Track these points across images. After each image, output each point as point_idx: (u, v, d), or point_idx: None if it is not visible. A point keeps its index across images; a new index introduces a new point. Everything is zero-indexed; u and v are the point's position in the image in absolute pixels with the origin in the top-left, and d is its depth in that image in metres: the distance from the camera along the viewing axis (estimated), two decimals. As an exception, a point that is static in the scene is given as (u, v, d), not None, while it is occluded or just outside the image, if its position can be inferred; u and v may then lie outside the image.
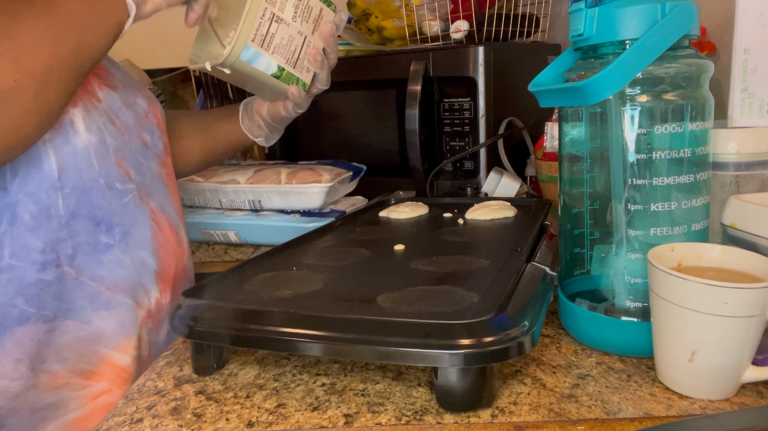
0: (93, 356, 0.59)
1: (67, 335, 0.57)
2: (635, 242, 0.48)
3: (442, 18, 1.01)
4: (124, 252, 0.61)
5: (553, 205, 0.80)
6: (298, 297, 0.50)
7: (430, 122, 0.98)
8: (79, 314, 0.57)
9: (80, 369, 0.58)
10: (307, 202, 0.92)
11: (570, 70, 0.51)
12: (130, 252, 0.61)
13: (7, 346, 0.54)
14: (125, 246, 0.61)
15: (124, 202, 0.61)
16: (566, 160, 0.53)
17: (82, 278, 0.58)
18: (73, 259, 0.57)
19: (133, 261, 0.62)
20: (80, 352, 0.58)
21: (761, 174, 0.53)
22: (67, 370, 0.58)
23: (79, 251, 0.57)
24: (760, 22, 0.55)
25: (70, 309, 0.57)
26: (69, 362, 0.57)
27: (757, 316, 0.39)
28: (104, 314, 0.59)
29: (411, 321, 0.42)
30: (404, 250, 0.63)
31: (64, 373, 0.57)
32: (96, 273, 0.58)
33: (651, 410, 0.41)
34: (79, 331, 0.58)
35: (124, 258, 0.61)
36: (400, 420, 0.41)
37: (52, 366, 0.57)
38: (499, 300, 0.44)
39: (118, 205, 0.61)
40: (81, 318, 0.58)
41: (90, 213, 0.58)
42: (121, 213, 0.61)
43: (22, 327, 0.54)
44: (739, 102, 0.56)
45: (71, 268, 0.57)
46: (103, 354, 0.59)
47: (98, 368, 0.59)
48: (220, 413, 0.44)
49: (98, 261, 0.59)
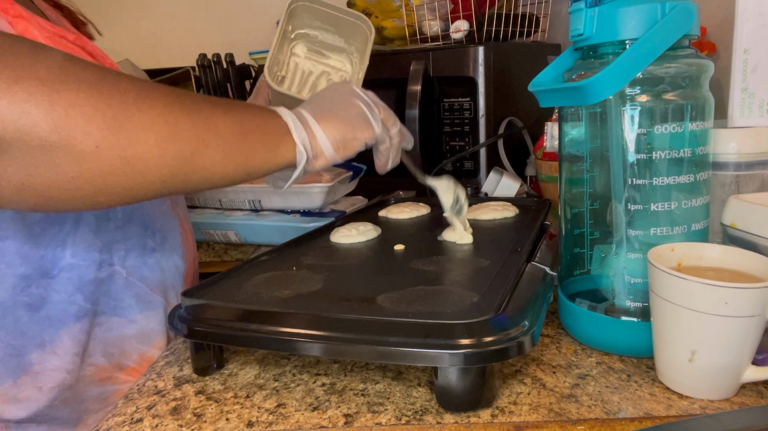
0: (134, 353, 0.62)
1: (114, 331, 0.60)
2: (635, 242, 0.48)
3: (442, 18, 1.01)
4: (163, 255, 0.65)
5: (553, 205, 0.80)
6: (298, 297, 0.50)
7: (430, 122, 0.98)
8: (126, 312, 0.61)
9: (122, 365, 0.61)
10: (307, 201, 0.92)
11: (570, 70, 0.51)
12: (167, 255, 0.66)
13: (64, 340, 0.56)
14: (164, 250, 0.65)
15: (163, 209, 0.66)
16: (566, 160, 0.53)
17: (132, 278, 0.61)
18: (125, 260, 0.60)
19: (168, 264, 0.66)
20: (124, 348, 0.61)
21: (761, 174, 0.53)
22: (111, 364, 0.60)
23: (130, 253, 0.61)
24: (760, 22, 0.55)
25: (118, 307, 0.60)
26: (113, 357, 0.60)
27: (757, 316, 0.39)
28: (147, 313, 0.62)
29: (411, 321, 0.42)
30: (404, 250, 0.62)
31: (108, 367, 0.60)
32: (143, 274, 0.62)
33: (651, 410, 0.41)
34: (125, 328, 0.61)
35: (162, 261, 0.65)
36: (400, 420, 0.41)
37: (99, 360, 0.59)
38: (499, 300, 0.44)
39: (159, 211, 0.65)
40: (128, 316, 0.61)
41: (141, 218, 0.62)
42: (162, 219, 0.65)
43: (79, 322, 0.57)
44: (739, 102, 0.56)
45: (122, 268, 0.60)
46: (143, 352, 0.62)
47: (138, 365, 0.62)
48: (220, 413, 0.44)
49: (144, 263, 0.62)
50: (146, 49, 1.62)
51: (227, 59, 1.34)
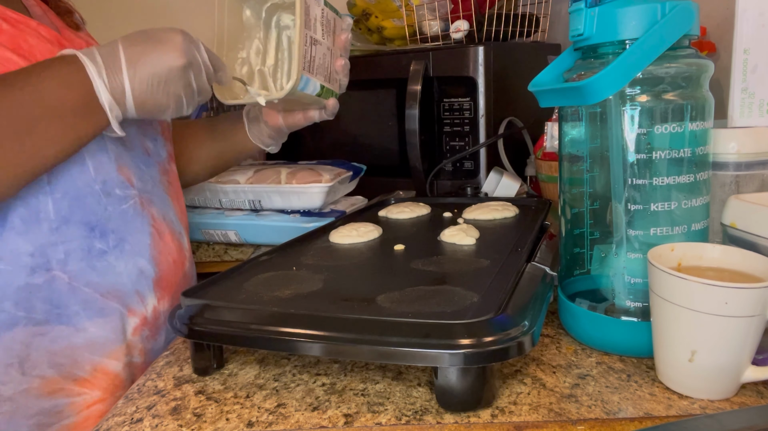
0: (86, 363, 0.58)
1: (62, 341, 0.57)
2: (635, 242, 0.48)
3: (442, 18, 1.01)
4: (118, 258, 0.60)
5: (553, 205, 0.80)
6: (298, 297, 0.50)
7: (430, 122, 0.98)
8: (73, 320, 0.57)
9: (74, 376, 0.58)
10: (307, 201, 0.92)
11: (570, 69, 0.51)
12: (125, 258, 0.61)
13: None
14: (119, 253, 0.61)
15: (122, 208, 0.61)
16: (566, 160, 0.53)
17: (76, 283, 0.57)
18: (65, 264, 0.56)
19: (127, 268, 0.61)
20: (74, 358, 0.58)
21: (761, 174, 0.53)
22: (61, 376, 0.57)
23: (71, 256, 0.57)
24: (760, 22, 0.55)
25: (63, 314, 0.57)
26: (63, 368, 0.57)
27: (757, 316, 0.39)
28: (98, 321, 0.59)
29: (411, 321, 0.42)
30: (404, 250, 0.62)
31: (58, 379, 0.57)
32: (89, 279, 0.58)
33: (651, 410, 0.41)
34: (73, 337, 0.57)
35: (117, 265, 0.60)
36: (400, 420, 0.41)
37: (46, 372, 0.56)
38: (499, 300, 0.44)
39: (115, 211, 0.60)
40: (75, 325, 0.57)
41: (84, 218, 0.58)
42: (118, 219, 0.61)
43: (10, 331, 0.54)
44: (739, 102, 0.56)
45: (63, 273, 0.56)
46: (96, 362, 0.59)
47: (91, 376, 0.59)
48: (220, 413, 0.44)
49: (92, 267, 0.58)
50: (146, 49, 1.62)
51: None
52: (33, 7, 0.63)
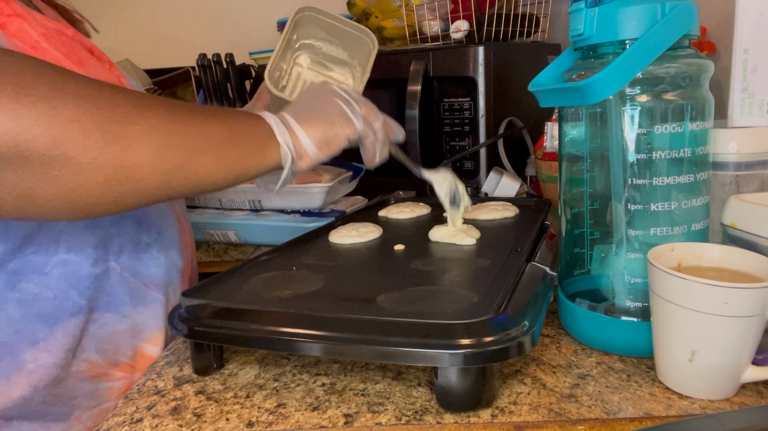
0: (129, 349, 0.61)
1: (108, 327, 0.59)
2: (635, 242, 0.48)
3: (442, 18, 1.01)
4: (159, 251, 0.64)
5: (553, 205, 0.80)
6: (298, 297, 0.50)
7: (430, 122, 0.98)
8: (120, 308, 0.60)
9: (116, 361, 0.60)
10: (307, 201, 0.92)
11: (570, 69, 0.51)
12: (164, 251, 0.65)
13: (58, 337, 0.56)
14: (160, 246, 0.64)
15: (158, 204, 0.65)
16: (566, 160, 0.53)
17: (126, 274, 0.61)
18: (119, 255, 0.60)
19: (165, 260, 0.65)
20: (118, 344, 0.60)
21: (761, 174, 0.53)
22: (105, 361, 0.60)
23: (124, 248, 0.60)
24: (760, 22, 0.55)
25: (111, 303, 0.60)
26: (107, 353, 0.60)
27: (757, 316, 0.39)
28: (141, 309, 0.62)
29: (411, 321, 0.42)
30: (404, 250, 0.62)
31: (102, 363, 0.60)
32: (137, 270, 0.62)
33: (651, 410, 0.41)
34: (119, 324, 0.60)
35: (159, 257, 0.64)
36: (400, 420, 0.41)
37: (92, 356, 0.59)
38: (499, 300, 0.44)
39: (154, 207, 0.65)
40: (121, 312, 0.60)
41: (134, 213, 0.61)
42: (156, 214, 0.65)
43: (74, 318, 0.56)
44: (739, 102, 0.56)
45: (117, 264, 0.60)
46: (137, 347, 0.62)
47: (132, 360, 0.62)
48: (220, 413, 0.44)
49: (138, 259, 0.62)
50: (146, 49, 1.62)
51: (227, 59, 1.34)
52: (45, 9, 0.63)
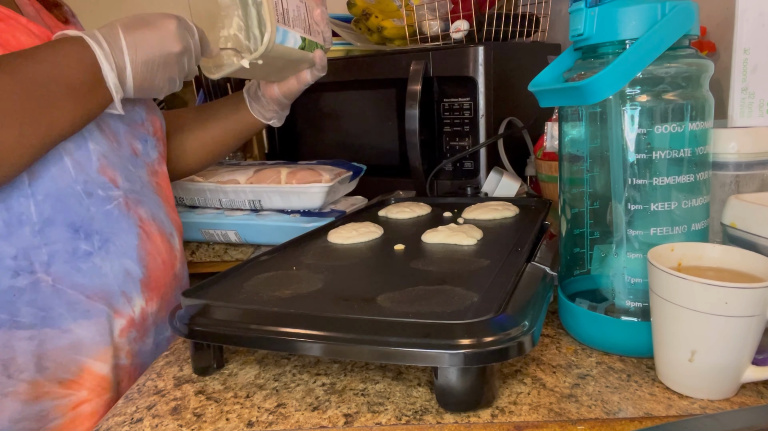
0: (72, 365, 0.58)
1: (47, 344, 0.56)
2: (635, 242, 0.48)
3: (442, 18, 1.01)
4: (103, 259, 0.60)
5: (553, 205, 0.80)
6: (298, 297, 0.50)
7: (430, 122, 0.98)
8: (57, 322, 0.57)
9: (60, 378, 0.57)
10: (307, 201, 0.92)
11: (570, 69, 0.51)
12: (111, 259, 0.60)
13: None
14: (105, 254, 0.60)
15: (106, 209, 0.61)
16: (566, 159, 0.53)
17: (60, 285, 0.57)
18: (49, 266, 0.56)
19: (113, 269, 0.61)
20: (60, 361, 0.57)
21: (761, 174, 0.53)
22: (47, 380, 0.57)
23: (55, 258, 0.56)
24: (760, 22, 0.55)
25: (48, 317, 0.56)
26: (48, 371, 0.57)
27: (757, 316, 0.39)
28: (84, 323, 0.58)
29: (411, 321, 0.42)
30: (404, 250, 0.62)
31: (44, 382, 0.57)
32: (74, 281, 0.57)
33: (651, 410, 0.41)
34: (58, 340, 0.57)
35: (103, 266, 0.60)
36: (400, 420, 0.41)
37: (33, 376, 0.56)
38: (499, 300, 0.44)
39: (99, 211, 0.60)
40: (60, 327, 0.57)
41: (67, 219, 0.57)
42: (103, 220, 0.60)
43: None
44: (739, 102, 0.56)
45: (47, 275, 0.56)
46: (82, 363, 0.58)
47: (78, 377, 0.58)
48: (220, 413, 0.44)
49: (76, 269, 0.58)
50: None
51: (227, 59, 1.34)
52: (26, 6, 0.63)
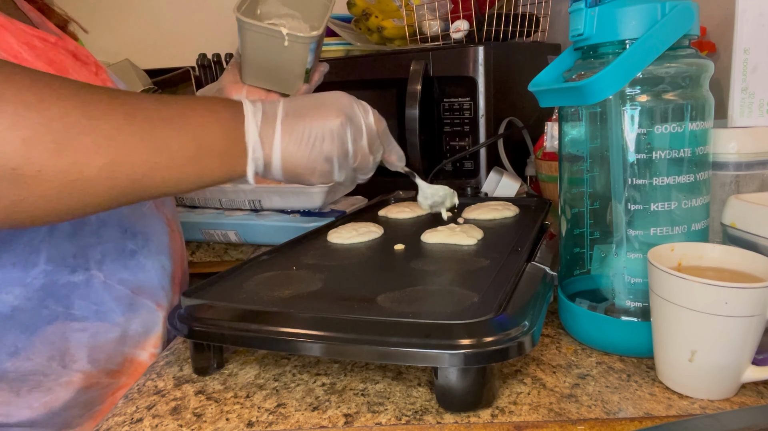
0: (119, 356, 0.61)
1: (100, 337, 0.59)
2: (635, 242, 0.48)
3: (442, 18, 1.01)
4: (146, 257, 0.64)
5: (553, 205, 0.80)
6: (298, 297, 0.50)
7: (430, 122, 0.98)
8: (108, 316, 0.60)
9: (108, 369, 0.60)
10: (307, 201, 0.92)
11: (570, 69, 0.51)
12: (152, 257, 0.65)
13: (37, 345, 0.55)
14: (147, 252, 0.64)
15: (143, 210, 0.65)
16: (566, 159, 0.53)
17: (110, 281, 0.60)
18: (101, 264, 0.59)
19: (154, 266, 0.65)
20: (109, 353, 0.60)
21: (761, 174, 0.53)
22: (98, 370, 0.60)
23: (107, 256, 0.60)
24: (760, 22, 0.55)
25: (99, 311, 0.59)
26: (99, 363, 0.60)
27: (757, 316, 0.39)
28: (130, 316, 0.62)
29: (411, 321, 0.42)
30: (404, 250, 0.62)
31: (95, 373, 0.60)
32: (122, 277, 0.61)
33: (651, 410, 0.41)
34: (109, 333, 0.60)
35: (146, 263, 0.64)
36: (400, 420, 0.41)
37: (85, 367, 0.58)
38: (499, 301, 0.44)
39: (140, 213, 0.64)
40: (111, 321, 0.60)
41: (117, 221, 0.61)
42: (143, 221, 0.64)
43: (51, 326, 0.56)
44: (739, 102, 0.56)
45: (99, 272, 0.59)
46: (127, 354, 0.62)
47: (122, 367, 0.62)
48: (220, 413, 0.44)
49: (124, 266, 0.62)
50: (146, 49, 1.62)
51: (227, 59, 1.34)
52: (30, 12, 0.63)
